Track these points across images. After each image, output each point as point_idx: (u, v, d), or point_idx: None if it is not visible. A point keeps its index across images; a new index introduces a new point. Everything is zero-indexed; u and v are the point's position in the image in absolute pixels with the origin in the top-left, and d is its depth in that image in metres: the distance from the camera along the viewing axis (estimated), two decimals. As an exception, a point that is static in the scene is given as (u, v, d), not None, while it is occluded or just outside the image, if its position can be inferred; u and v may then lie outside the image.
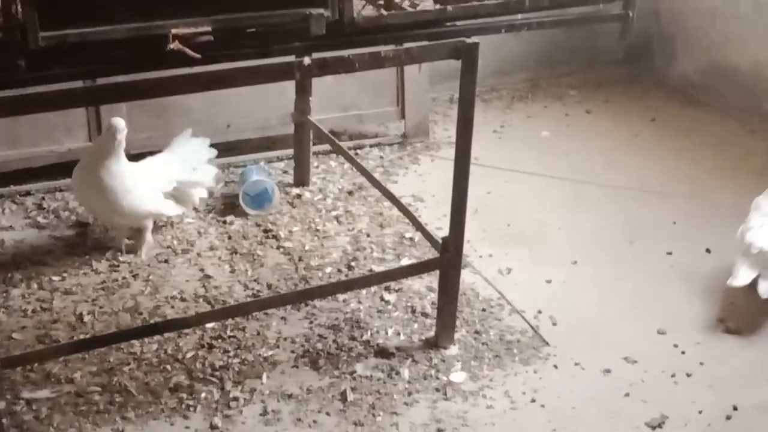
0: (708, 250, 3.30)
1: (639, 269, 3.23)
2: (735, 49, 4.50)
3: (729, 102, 4.49)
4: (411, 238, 3.38)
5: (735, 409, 2.57)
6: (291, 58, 2.37)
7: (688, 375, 2.70)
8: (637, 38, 4.57)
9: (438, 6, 2.47)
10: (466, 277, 3.04)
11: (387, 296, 3.06)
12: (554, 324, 2.94)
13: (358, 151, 4.05)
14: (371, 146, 4.13)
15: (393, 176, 3.87)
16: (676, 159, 4.00)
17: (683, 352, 2.80)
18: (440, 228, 3.13)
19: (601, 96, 4.72)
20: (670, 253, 3.32)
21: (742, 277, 2.77)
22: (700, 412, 2.55)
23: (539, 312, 2.99)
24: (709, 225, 3.45)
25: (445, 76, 4.13)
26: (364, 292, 3.01)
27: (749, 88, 4.44)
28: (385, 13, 2.39)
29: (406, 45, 2.45)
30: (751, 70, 4.42)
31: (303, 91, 3.55)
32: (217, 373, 2.70)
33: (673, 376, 2.69)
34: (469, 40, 2.40)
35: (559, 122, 4.45)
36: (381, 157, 4.06)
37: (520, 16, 2.58)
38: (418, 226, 2.93)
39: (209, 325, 2.84)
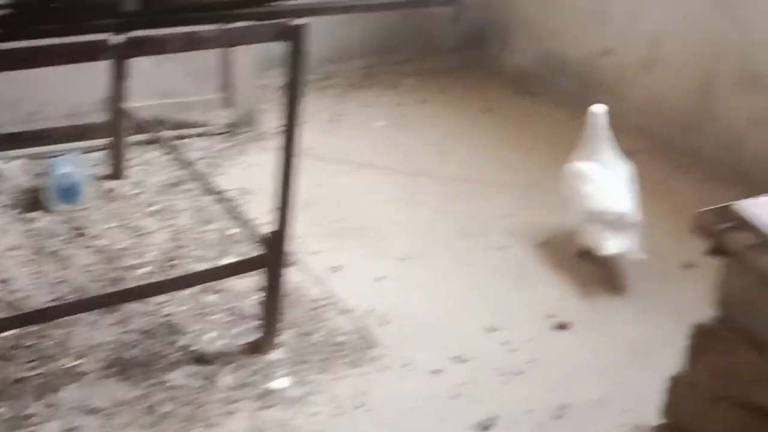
0: (542, 244, 3.34)
1: (472, 264, 3.24)
2: (569, 39, 4.56)
3: (563, 93, 4.56)
4: (235, 235, 3.26)
5: (565, 407, 2.59)
6: (101, 37, 2.17)
7: (520, 373, 2.71)
8: (472, 26, 4.90)
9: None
10: (293, 275, 2.97)
11: (207, 297, 2.94)
12: (385, 323, 2.91)
13: (182, 141, 3.86)
14: (196, 136, 3.96)
15: (219, 168, 3.74)
16: (510, 150, 4.04)
17: (515, 350, 2.80)
18: (268, 223, 3.01)
19: (437, 85, 4.71)
20: (502, 248, 3.34)
21: (612, 244, 2.94)
22: (530, 411, 2.55)
23: (370, 311, 2.95)
24: (543, 216, 3.48)
25: (277, 62, 3.97)
26: (182, 293, 2.87)
27: (582, 79, 4.50)
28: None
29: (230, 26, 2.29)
30: (585, 60, 4.48)
31: (119, 75, 3.33)
32: (14, 387, 2.53)
33: (504, 374, 2.70)
34: (295, 21, 2.30)
35: (395, 112, 4.42)
36: (206, 148, 3.91)
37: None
38: (241, 222, 2.78)
39: (6, 334, 2.65)
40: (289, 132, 2.39)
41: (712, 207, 1.85)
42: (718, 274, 1.82)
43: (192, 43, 2.20)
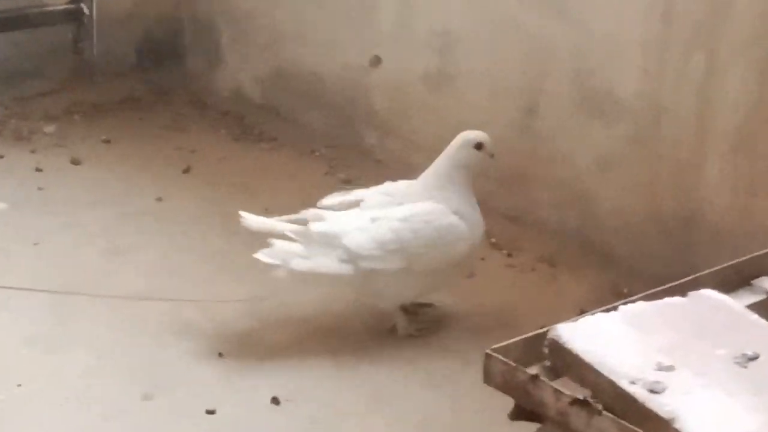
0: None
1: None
2: (316, 46, 4.46)
3: (311, 130, 4.47)
4: None
5: None
6: None
7: None
8: (153, 32, 4.79)
9: None
10: None
11: None
12: None
13: None
14: None
15: None
16: (224, 237, 3.71)
17: None
18: None
19: (102, 130, 4.45)
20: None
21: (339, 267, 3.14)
22: None
23: None
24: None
25: None
26: None
27: (339, 107, 4.39)
28: None
29: None
30: (342, 77, 4.36)
31: None
32: None
33: None
34: None
35: (28, 183, 4.05)
36: None
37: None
38: None
39: None
40: None
41: (514, 339, 2.09)
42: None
43: None
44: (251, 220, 3.27)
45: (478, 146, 3.21)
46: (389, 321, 3.21)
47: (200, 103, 4.74)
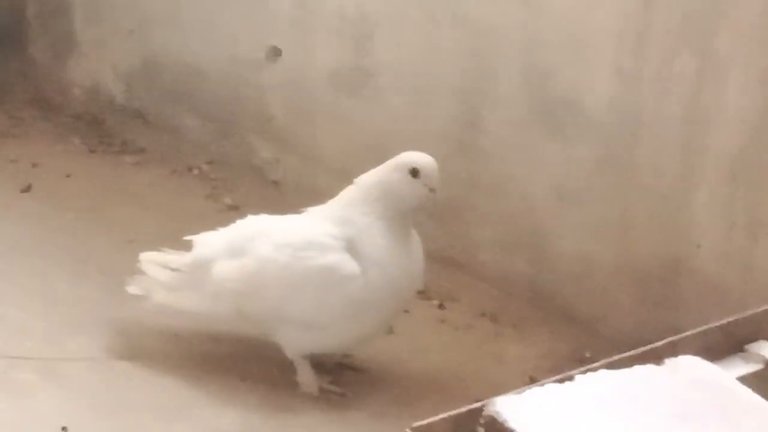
0: None
1: None
2: (194, 31, 4.45)
3: (186, 142, 4.50)
4: None
5: None
6: None
7: None
8: None
9: None
10: None
11: None
12: None
13: None
14: None
15: None
16: (81, 277, 3.68)
17: None
18: None
19: None
20: None
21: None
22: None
23: None
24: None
25: None
26: None
27: (224, 112, 4.43)
28: None
29: None
30: (229, 73, 4.39)
31: None
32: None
33: None
34: None
35: None
36: None
37: None
38: None
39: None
40: None
41: (440, 416, 2.10)
42: None
43: None
44: (150, 264, 3.32)
45: (414, 173, 3.17)
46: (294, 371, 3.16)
47: (45, 103, 4.79)
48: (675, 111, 3.31)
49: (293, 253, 3.17)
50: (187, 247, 3.41)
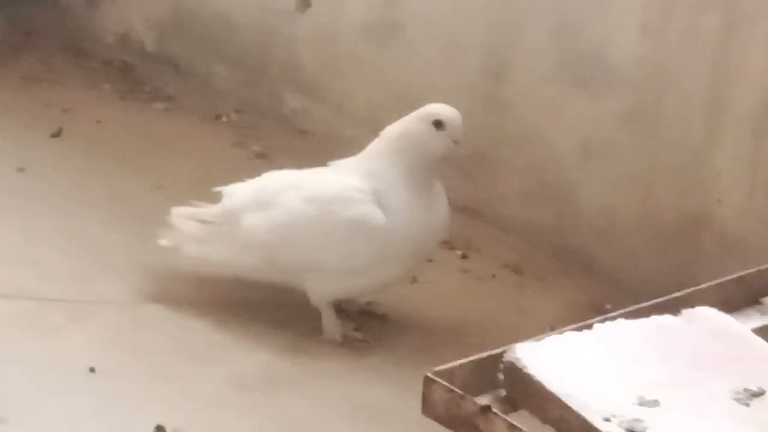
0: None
1: None
2: None
3: (216, 91, 4.50)
4: None
5: None
6: None
7: None
8: None
9: None
10: None
11: None
12: None
13: None
14: None
15: None
16: (115, 221, 3.71)
17: None
18: None
19: None
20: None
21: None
22: None
23: None
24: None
25: None
26: None
27: (254, 62, 4.41)
28: None
29: None
30: (257, 24, 4.36)
31: None
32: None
33: None
34: None
35: None
36: None
37: None
38: None
39: None
40: None
41: (461, 361, 2.11)
42: None
43: None
44: (181, 218, 3.37)
45: (438, 124, 3.15)
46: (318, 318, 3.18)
47: (77, 50, 4.75)
48: (700, 67, 3.29)
49: (322, 207, 3.20)
50: (216, 198, 3.42)
